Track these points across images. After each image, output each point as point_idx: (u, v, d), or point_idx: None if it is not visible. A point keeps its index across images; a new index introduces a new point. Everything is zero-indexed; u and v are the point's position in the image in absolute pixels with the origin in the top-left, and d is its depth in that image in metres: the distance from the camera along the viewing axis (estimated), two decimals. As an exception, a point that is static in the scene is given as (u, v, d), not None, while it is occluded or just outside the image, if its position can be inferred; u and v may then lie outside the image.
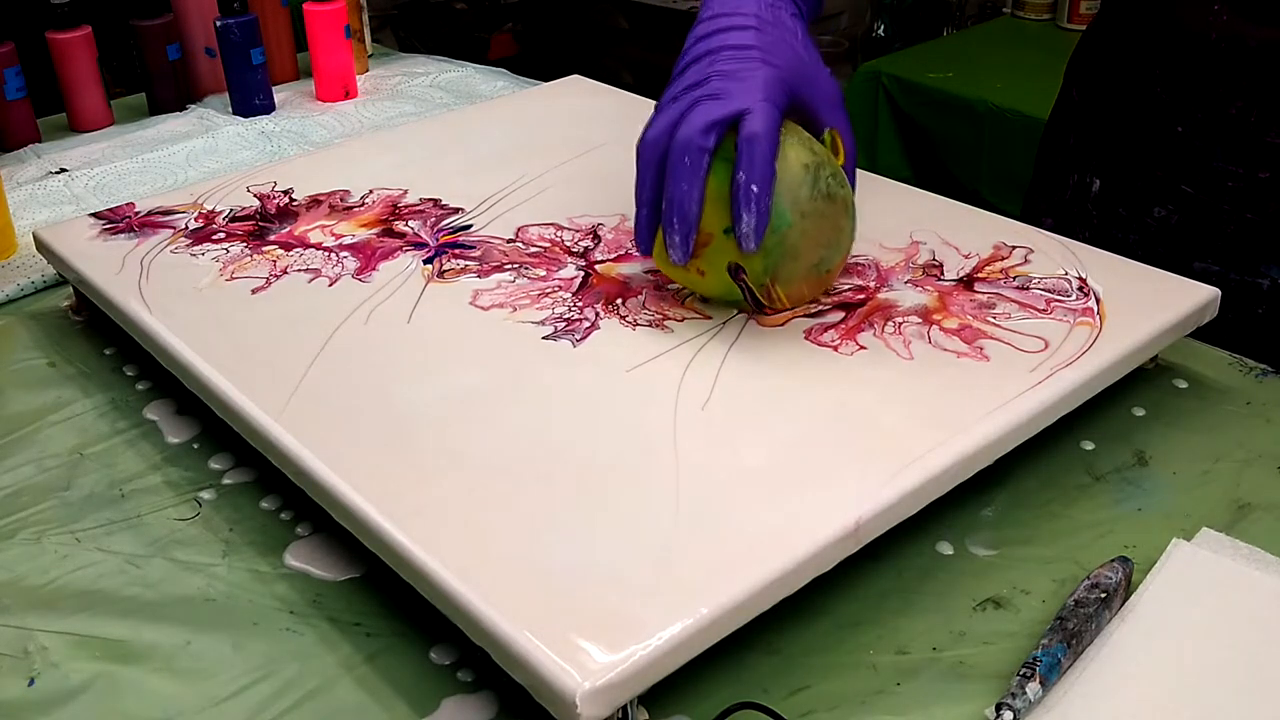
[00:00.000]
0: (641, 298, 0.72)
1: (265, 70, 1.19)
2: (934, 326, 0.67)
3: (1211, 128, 0.80)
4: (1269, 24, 0.76)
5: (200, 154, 1.10)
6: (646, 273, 0.74)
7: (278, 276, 0.76)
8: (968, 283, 0.72)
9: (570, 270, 0.75)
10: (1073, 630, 0.51)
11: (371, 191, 0.87)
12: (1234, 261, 0.81)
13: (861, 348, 0.66)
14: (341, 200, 0.86)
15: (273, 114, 1.19)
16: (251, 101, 1.18)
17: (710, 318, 0.69)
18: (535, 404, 0.62)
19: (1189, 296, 0.69)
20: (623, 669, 0.46)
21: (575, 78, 1.12)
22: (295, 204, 0.86)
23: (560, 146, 0.94)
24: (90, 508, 0.64)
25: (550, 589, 0.50)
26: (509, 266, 0.76)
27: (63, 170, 1.06)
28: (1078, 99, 0.93)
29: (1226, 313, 0.71)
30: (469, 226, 0.82)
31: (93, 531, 0.62)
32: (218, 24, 1.16)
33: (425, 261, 0.77)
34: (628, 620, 0.48)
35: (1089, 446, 0.66)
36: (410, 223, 0.82)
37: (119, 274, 0.77)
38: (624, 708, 0.48)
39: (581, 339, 0.68)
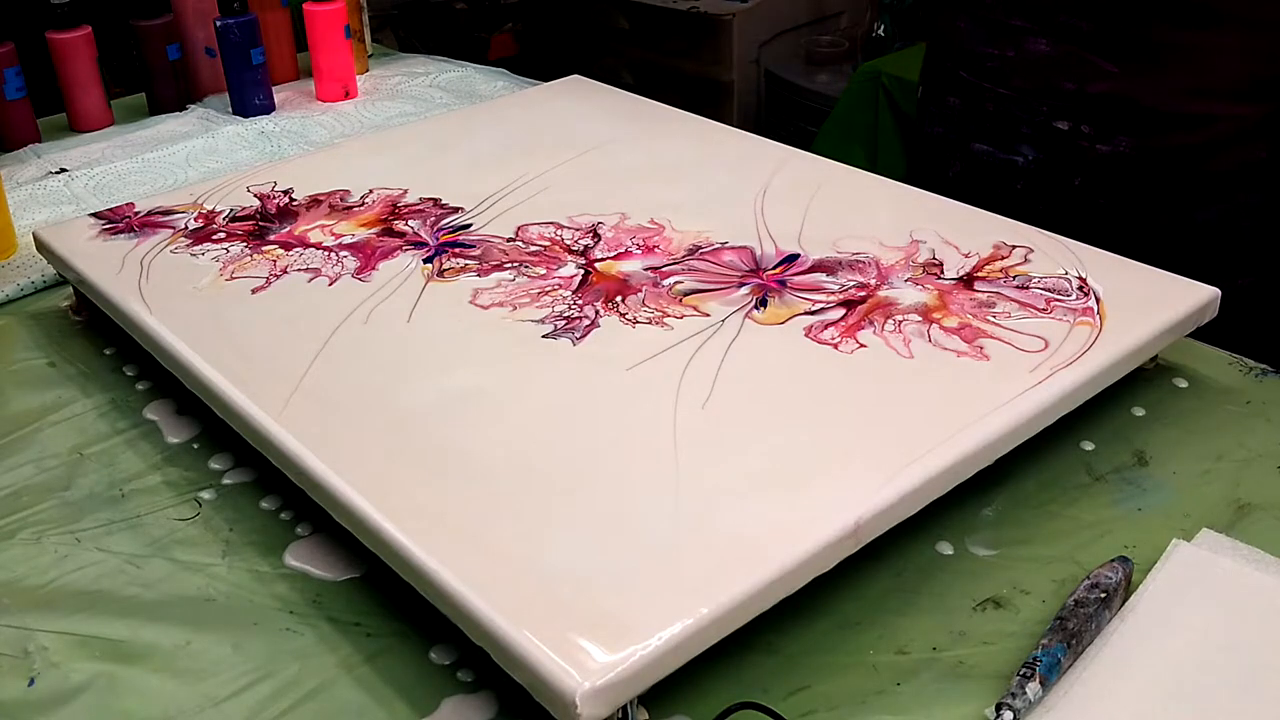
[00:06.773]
0: (641, 295, 0.72)
1: (265, 70, 1.19)
2: (934, 325, 0.67)
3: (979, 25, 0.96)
4: None
5: (200, 154, 1.10)
6: (646, 270, 0.74)
7: (278, 276, 0.76)
8: (968, 281, 0.72)
9: (570, 268, 0.75)
10: (1073, 630, 0.51)
11: (371, 191, 0.87)
12: (998, 139, 0.97)
13: (862, 345, 0.66)
14: (341, 200, 0.86)
15: (273, 114, 1.19)
16: (251, 101, 1.18)
17: (710, 315, 0.69)
18: (535, 402, 0.62)
19: (1189, 296, 0.69)
20: (623, 669, 0.46)
21: (575, 78, 1.12)
22: (295, 204, 0.86)
23: (560, 146, 0.94)
24: (90, 508, 0.64)
25: (550, 589, 0.50)
26: (509, 265, 0.76)
27: (63, 170, 1.06)
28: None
29: (993, 187, 0.85)
30: (469, 226, 0.82)
31: (93, 531, 0.62)
32: (218, 24, 1.16)
33: (425, 261, 0.77)
34: (628, 620, 0.48)
35: (1089, 446, 0.66)
36: (410, 222, 0.82)
37: (119, 274, 0.76)
38: (624, 708, 0.48)
39: (581, 337, 0.68)
